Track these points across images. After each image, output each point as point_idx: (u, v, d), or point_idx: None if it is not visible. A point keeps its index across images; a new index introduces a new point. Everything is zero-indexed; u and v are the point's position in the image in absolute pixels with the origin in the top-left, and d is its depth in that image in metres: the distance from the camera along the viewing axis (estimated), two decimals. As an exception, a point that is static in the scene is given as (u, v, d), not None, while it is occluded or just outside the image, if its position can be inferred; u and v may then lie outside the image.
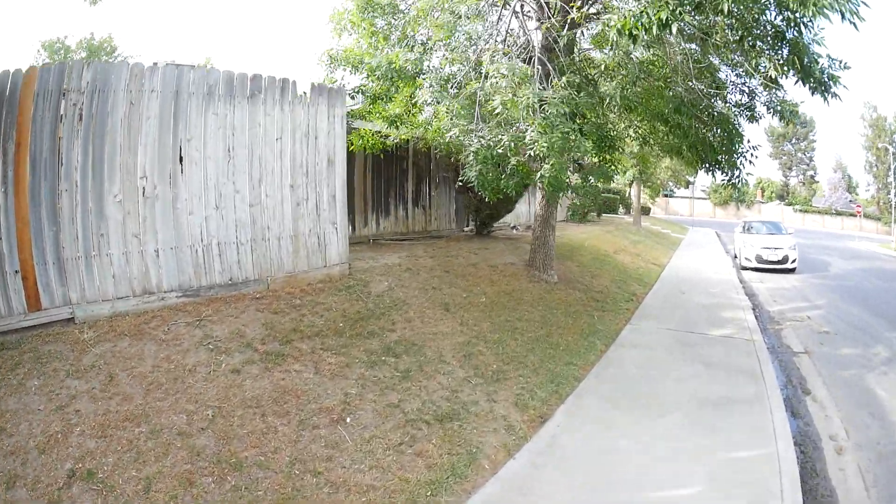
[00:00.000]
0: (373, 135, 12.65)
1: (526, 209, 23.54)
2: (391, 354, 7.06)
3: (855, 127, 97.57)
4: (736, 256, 22.72)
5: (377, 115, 12.03)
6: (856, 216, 51.40)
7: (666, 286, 15.34)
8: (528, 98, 7.95)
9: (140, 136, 6.90)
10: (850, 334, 11.09)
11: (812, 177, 70.45)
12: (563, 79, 8.57)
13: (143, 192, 6.97)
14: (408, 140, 13.38)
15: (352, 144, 12.15)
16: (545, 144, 7.65)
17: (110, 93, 6.65)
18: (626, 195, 40.57)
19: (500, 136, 8.37)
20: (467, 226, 18.09)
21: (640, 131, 14.59)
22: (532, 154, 8.04)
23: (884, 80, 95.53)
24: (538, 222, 12.72)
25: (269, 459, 4.80)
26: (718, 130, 11.31)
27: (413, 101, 10.59)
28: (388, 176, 15.01)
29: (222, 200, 7.66)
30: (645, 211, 47.54)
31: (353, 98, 12.44)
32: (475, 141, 8.61)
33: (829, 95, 8.15)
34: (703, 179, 62.00)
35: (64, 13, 62.35)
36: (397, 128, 11.77)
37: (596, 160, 12.12)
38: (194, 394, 5.45)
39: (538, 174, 8.47)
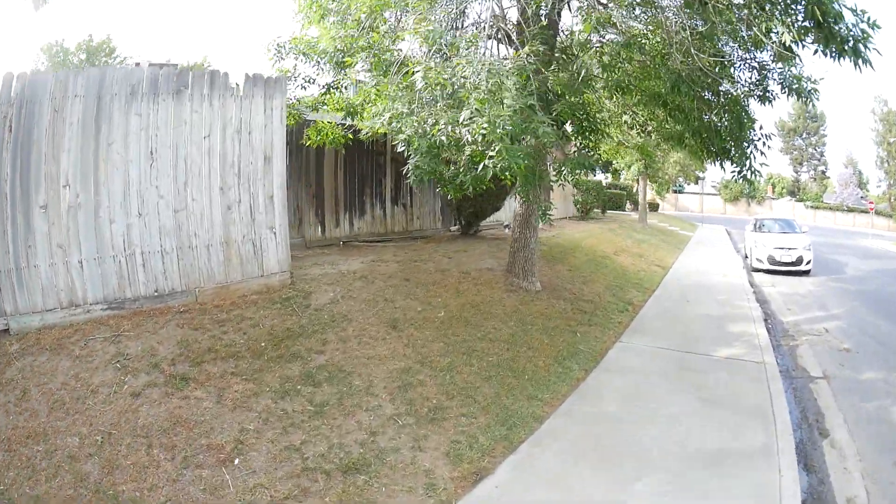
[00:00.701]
0: (334, 127, 11.38)
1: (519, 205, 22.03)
2: (310, 383, 6.28)
3: (865, 122, 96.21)
4: (747, 256, 21.18)
5: (333, 105, 10.97)
6: (867, 213, 49.53)
7: (668, 293, 13.76)
8: (464, 68, 6.44)
9: (63, 143, 6.80)
10: (873, 352, 9.70)
11: (823, 172, 69.23)
12: (526, 48, 7.09)
13: (67, 201, 6.85)
14: (385, 133, 12.10)
15: (308, 139, 11.31)
16: (486, 124, 6.15)
17: (37, 102, 6.61)
18: (633, 191, 38.92)
19: (436, 119, 6.94)
20: (454, 225, 16.65)
21: (637, 118, 13.02)
22: (470, 139, 6.64)
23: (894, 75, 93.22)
24: (517, 222, 11.26)
25: (145, 497, 4.49)
26: (725, 115, 9.85)
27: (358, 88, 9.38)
28: (364, 172, 13.89)
29: (145, 206, 7.36)
30: (653, 207, 46.08)
31: (304, 88, 11.39)
32: (408, 127, 7.29)
33: (860, 61, 6.64)
34: (714, 175, 61.17)
35: (65, 15, 61.79)
36: (353, 118, 10.55)
37: (580, 147, 10.46)
38: (91, 416, 5.28)
39: (481, 165, 6.94)
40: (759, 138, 9.74)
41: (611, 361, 8.52)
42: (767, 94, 9.59)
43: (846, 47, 6.65)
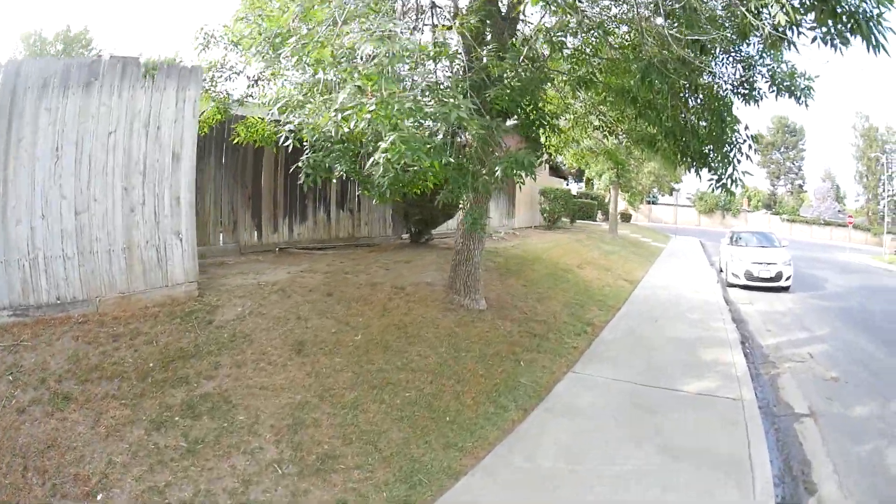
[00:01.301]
0: (266, 124, 10.19)
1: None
2: (189, 414, 5.54)
3: (844, 137, 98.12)
4: (722, 270, 20.07)
5: (261, 98, 9.88)
6: (845, 227, 50.08)
7: (634, 311, 12.37)
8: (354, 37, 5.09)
9: (-27, 140, 6.39)
10: (863, 381, 8.63)
11: (800, 186, 70.12)
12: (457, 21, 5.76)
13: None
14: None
15: (237, 136, 10.33)
16: (372, 106, 4.82)
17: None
18: (605, 201, 37.80)
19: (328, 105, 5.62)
20: (406, 233, 15.27)
21: (604, 118, 11.70)
22: (351, 127, 5.46)
23: (874, 91, 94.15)
24: (460, 232, 9.81)
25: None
26: (705, 113, 8.59)
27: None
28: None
29: (48, 207, 6.87)
30: (625, 218, 45.27)
31: (231, 80, 10.46)
32: (297, 116, 6.30)
33: (873, 44, 5.40)
34: (689, 186, 60.90)
35: (45, 5, 60.73)
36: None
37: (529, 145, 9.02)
38: (-26, 431, 4.81)
39: (371, 161, 5.61)
40: (744, 140, 8.43)
41: (557, 398, 7.10)
42: (754, 93, 8.33)
43: (856, 27, 5.39)
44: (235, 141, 10.34)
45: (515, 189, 23.35)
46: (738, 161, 8.33)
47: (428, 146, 5.22)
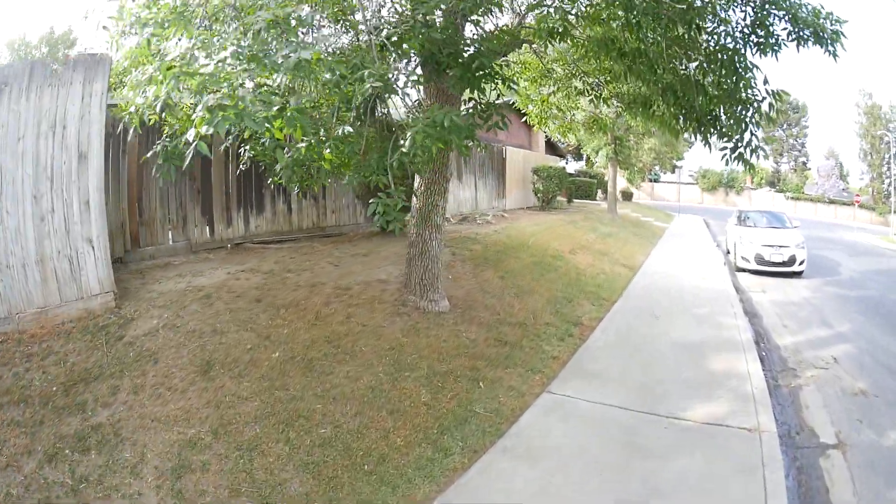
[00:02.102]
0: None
1: (471, 195, 19.05)
2: (80, 447, 4.86)
3: (847, 114, 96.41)
4: (729, 252, 18.48)
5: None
6: (850, 205, 49.75)
7: (632, 305, 10.74)
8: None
9: None
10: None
11: (804, 164, 67.98)
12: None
13: None
14: None
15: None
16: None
17: None
18: (604, 179, 36.05)
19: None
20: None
21: (588, 80, 10.02)
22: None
23: (879, 68, 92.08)
24: (414, 219, 8.26)
25: None
26: (713, 65, 6.88)
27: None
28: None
29: None
30: (626, 196, 43.56)
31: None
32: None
33: None
34: (691, 163, 59.29)
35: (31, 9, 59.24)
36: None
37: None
38: None
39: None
40: (763, 98, 6.70)
41: (520, 434, 5.52)
42: (770, 40, 6.62)
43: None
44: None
45: (506, 168, 21.65)
46: (757, 124, 6.64)
47: (275, 109, 3.59)
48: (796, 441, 6.01)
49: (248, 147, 7.05)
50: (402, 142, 5.04)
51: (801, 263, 15.25)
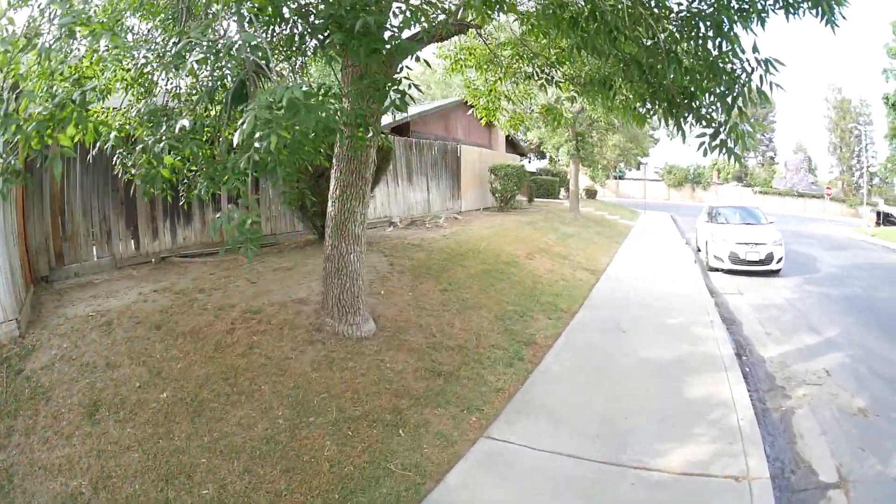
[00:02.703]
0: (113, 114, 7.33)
1: (423, 197, 17.75)
2: None
3: (814, 109, 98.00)
4: (700, 250, 17.39)
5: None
6: (819, 198, 50.71)
7: (594, 317, 9.43)
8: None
9: None
10: None
11: (772, 158, 68.51)
12: None
13: None
14: None
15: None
16: None
17: None
18: (567, 177, 34.97)
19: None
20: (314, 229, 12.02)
21: (538, 63, 8.75)
22: None
23: (847, 64, 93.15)
24: (330, 228, 6.92)
25: None
26: (685, 30, 5.58)
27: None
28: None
29: None
30: (591, 194, 42.64)
31: None
32: None
33: None
34: (657, 160, 59.04)
35: None
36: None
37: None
38: None
39: None
40: (753, 69, 5.34)
41: (445, 499, 4.20)
42: (756, 5, 5.34)
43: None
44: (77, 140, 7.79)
45: (461, 167, 20.36)
46: (745, 103, 5.32)
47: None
48: (791, 483, 4.90)
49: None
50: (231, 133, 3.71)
51: (779, 261, 14.21)
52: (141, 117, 4.98)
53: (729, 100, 5.28)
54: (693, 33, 5.41)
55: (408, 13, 4.71)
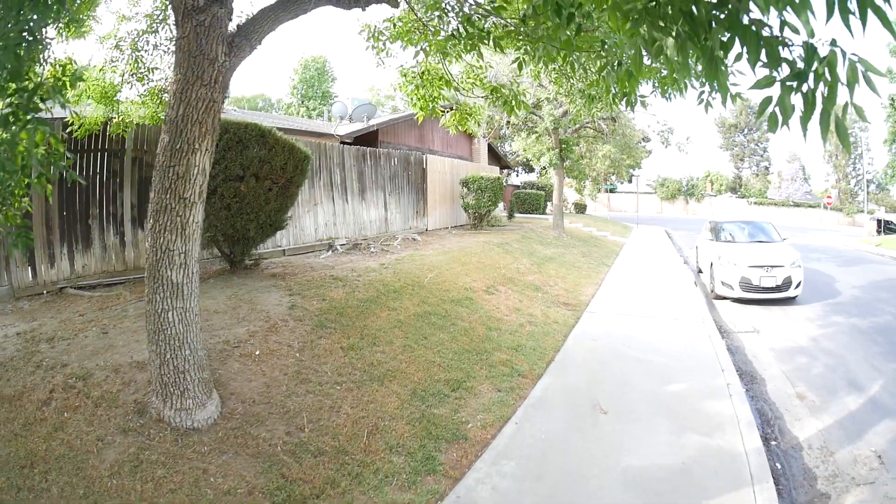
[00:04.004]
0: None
1: (378, 216, 15.32)
2: None
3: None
4: (701, 272, 14.99)
5: None
6: (815, 208, 50.72)
7: (565, 383, 6.82)
8: None
9: None
10: None
11: (766, 168, 66.92)
12: None
13: None
14: (124, 126, 8.43)
15: None
16: None
17: None
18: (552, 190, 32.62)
19: None
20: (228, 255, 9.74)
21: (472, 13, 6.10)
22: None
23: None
24: (147, 275, 4.70)
25: None
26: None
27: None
28: (91, 183, 8.91)
29: None
30: (580, 209, 40.19)
31: None
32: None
33: None
34: (648, 171, 57.63)
35: None
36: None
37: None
38: None
39: None
40: None
41: None
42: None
43: None
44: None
45: (426, 180, 17.82)
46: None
47: None
48: None
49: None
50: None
51: (798, 286, 11.77)
52: None
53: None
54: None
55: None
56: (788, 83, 2.00)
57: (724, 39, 2.13)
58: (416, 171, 17.41)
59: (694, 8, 2.17)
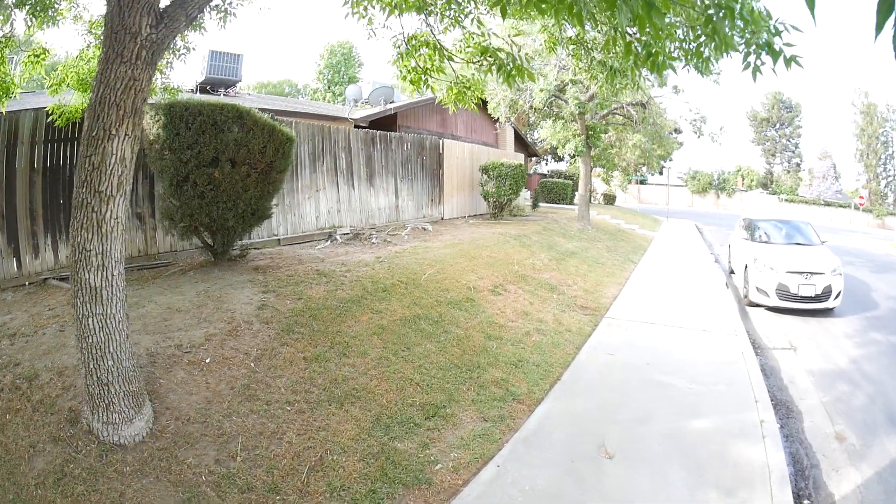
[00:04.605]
0: None
1: (388, 203, 14.47)
2: None
3: (841, 114, 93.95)
4: (733, 272, 13.90)
5: None
6: (845, 208, 49.18)
7: (568, 413, 5.83)
8: None
9: None
10: None
11: (798, 165, 64.64)
12: None
13: None
14: None
15: None
16: None
17: None
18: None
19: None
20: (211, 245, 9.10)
21: None
22: None
23: (873, 67, 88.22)
24: (70, 268, 4.27)
25: None
26: None
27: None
28: (73, 172, 8.48)
29: None
30: (609, 200, 38.84)
31: None
32: None
33: None
34: (680, 164, 56.21)
35: None
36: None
37: None
38: None
39: None
40: None
41: None
42: None
43: None
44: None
45: (443, 166, 16.85)
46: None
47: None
48: None
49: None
50: None
51: (838, 297, 10.68)
52: None
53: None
54: None
55: None
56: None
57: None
58: (432, 156, 16.45)
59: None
